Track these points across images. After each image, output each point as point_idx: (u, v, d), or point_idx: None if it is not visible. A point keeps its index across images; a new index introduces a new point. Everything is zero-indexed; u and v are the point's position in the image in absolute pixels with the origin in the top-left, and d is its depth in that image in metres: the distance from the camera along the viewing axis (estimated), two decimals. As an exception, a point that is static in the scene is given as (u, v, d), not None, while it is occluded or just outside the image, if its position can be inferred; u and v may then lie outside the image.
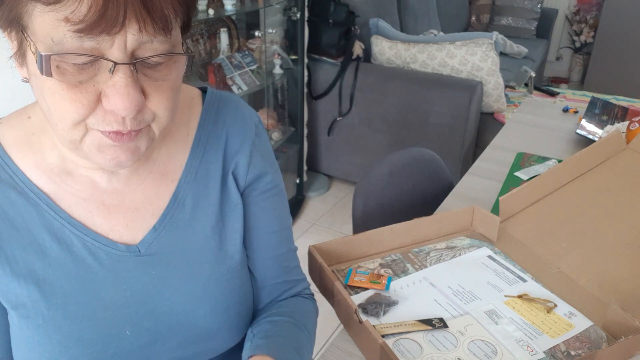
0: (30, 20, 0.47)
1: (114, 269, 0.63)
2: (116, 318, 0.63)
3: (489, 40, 2.33)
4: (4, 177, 0.59)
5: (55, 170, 0.60)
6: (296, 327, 0.72)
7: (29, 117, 0.61)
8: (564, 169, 1.08)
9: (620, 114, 1.52)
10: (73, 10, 0.44)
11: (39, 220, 0.60)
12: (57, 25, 0.45)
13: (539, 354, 0.70)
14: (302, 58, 2.44)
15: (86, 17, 0.44)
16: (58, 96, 0.49)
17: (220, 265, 0.68)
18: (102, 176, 0.62)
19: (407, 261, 0.89)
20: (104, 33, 0.45)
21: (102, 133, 0.52)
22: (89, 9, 0.44)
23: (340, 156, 2.75)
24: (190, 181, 0.67)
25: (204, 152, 0.68)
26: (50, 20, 0.45)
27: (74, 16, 0.44)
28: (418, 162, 1.36)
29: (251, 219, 0.72)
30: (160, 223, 0.65)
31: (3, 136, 0.61)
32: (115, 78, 0.48)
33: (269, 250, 0.74)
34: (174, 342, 0.66)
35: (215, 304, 0.68)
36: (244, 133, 0.70)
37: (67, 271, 0.61)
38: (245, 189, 0.71)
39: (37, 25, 0.46)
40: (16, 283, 0.59)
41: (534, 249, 0.93)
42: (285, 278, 0.77)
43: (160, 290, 0.65)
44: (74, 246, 0.61)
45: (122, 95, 0.48)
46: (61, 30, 0.45)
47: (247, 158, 0.69)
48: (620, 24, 3.86)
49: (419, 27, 3.20)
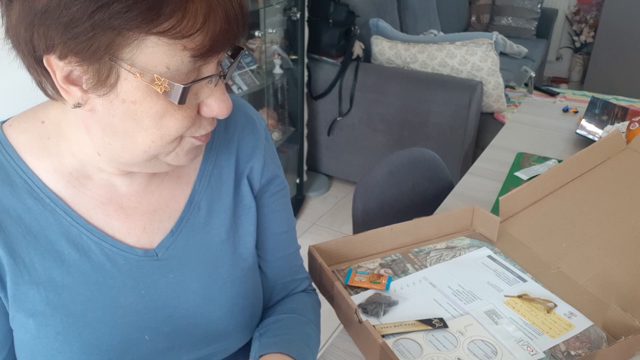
0: (132, 51, 0.47)
1: (133, 274, 0.63)
2: (135, 323, 0.63)
3: (489, 40, 2.33)
4: (19, 183, 0.58)
5: (74, 174, 0.60)
6: (302, 322, 0.74)
7: (43, 122, 0.60)
8: (564, 169, 1.08)
9: (620, 114, 1.52)
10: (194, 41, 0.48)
11: (56, 227, 0.59)
12: (174, 54, 0.48)
13: (539, 354, 0.70)
14: (302, 58, 2.44)
15: (202, 45, 0.48)
16: (167, 117, 0.52)
17: (235, 267, 0.69)
18: (123, 180, 0.62)
19: (407, 261, 0.89)
20: (215, 54, 0.50)
21: (198, 139, 0.56)
22: (206, 38, 0.48)
23: (340, 156, 2.75)
24: (204, 185, 0.68)
25: (216, 157, 0.69)
26: (168, 50, 0.47)
27: (193, 45, 0.48)
28: (418, 162, 1.36)
29: (263, 220, 0.74)
30: (177, 227, 0.66)
31: (17, 141, 0.59)
32: (216, 89, 0.54)
33: (280, 251, 0.77)
34: (190, 344, 0.67)
35: (231, 305, 0.69)
36: (255, 138, 0.71)
37: (85, 277, 0.60)
38: (258, 192, 0.72)
39: (147, 57, 0.47)
40: (35, 291, 0.58)
41: (534, 249, 0.93)
42: (293, 277, 0.80)
43: (178, 294, 0.65)
44: (92, 252, 0.61)
45: (223, 101, 0.54)
46: (178, 57, 0.48)
47: (261, 162, 0.71)
48: (620, 24, 3.86)
49: (419, 27, 3.20)
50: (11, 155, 0.58)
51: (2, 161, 0.58)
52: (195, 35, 0.47)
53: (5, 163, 0.58)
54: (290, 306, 0.76)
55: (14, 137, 0.59)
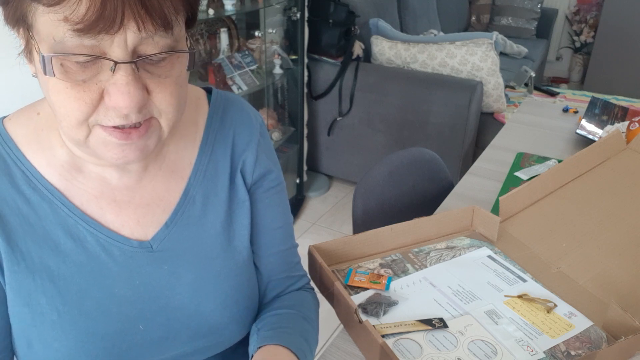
0: (34, 19, 0.48)
1: (127, 265, 0.64)
2: (130, 313, 0.64)
3: (489, 40, 2.33)
4: (17, 174, 0.60)
5: (65, 167, 0.61)
6: (301, 318, 0.75)
7: (38, 113, 0.62)
8: (564, 169, 1.08)
9: (620, 114, 1.52)
10: (72, 11, 0.45)
11: (53, 217, 0.60)
12: (57, 25, 0.46)
13: (539, 354, 0.70)
14: (302, 58, 2.44)
15: (84, 17, 0.45)
16: (62, 95, 0.50)
17: (229, 260, 0.70)
18: (112, 173, 0.63)
19: (407, 261, 0.89)
20: (102, 32, 0.46)
21: (104, 130, 0.52)
22: (87, 9, 0.45)
23: (340, 156, 2.74)
24: (200, 179, 0.68)
25: (212, 151, 0.70)
26: (51, 20, 0.46)
27: (73, 16, 0.45)
28: (418, 162, 1.36)
29: (257, 215, 0.74)
30: (172, 219, 0.66)
31: (15, 134, 0.61)
32: (116, 76, 0.49)
33: (274, 246, 0.77)
34: (185, 336, 0.68)
35: (224, 298, 0.69)
36: (250, 133, 0.72)
37: (81, 267, 0.61)
38: (252, 186, 0.73)
39: (40, 25, 0.47)
40: (31, 279, 0.59)
41: (534, 249, 0.93)
42: (288, 273, 0.80)
43: (173, 285, 0.66)
44: (88, 242, 0.62)
45: (123, 93, 0.49)
46: (61, 29, 0.46)
47: (253, 156, 0.71)
48: (620, 24, 3.86)
49: (419, 27, 3.20)
50: (10, 148, 0.60)
51: (2, 153, 0.60)
52: (69, 4, 0.44)
53: (4, 155, 0.60)
54: (288, 302, 0.77)
55: (13, 130, 0.61)
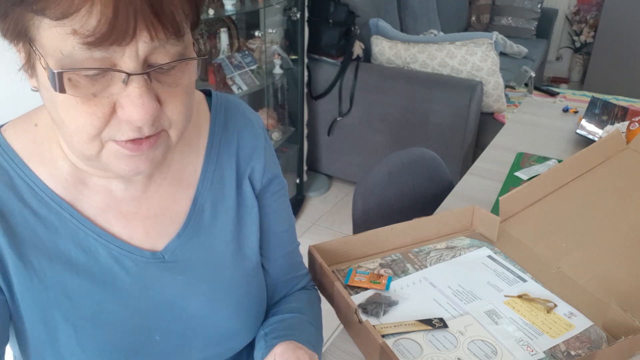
0: (37, 33, 0.45)
1: (141, 277, 0.63)
2: (146, 324, 0.63)
3: (489, 40, 2.33)
4: (21, 186, 0.57)
5: (70, 180, 0.59)
6: (307, 322, 0.75)
7: (36, 124, 0.59)
8: (564, 169, 1.08)
9: (620, 114, 1.52)
10: (82, 24, 0.42)
11: (63, 230, 0.58)
12: (65, 38, 0.43)
13: (539, 354, 0.70)
14: (302, 58, 2.44)
15: (96, 29, 0.42)
16: (73, 110, 0.47)
17: (239, 268, 0.70)
18: (117, 185, 0.61)
19: (407, 261, 0.89)
20: (115, 44, 0.44)
21: (117, 144, 0.50)
22: (98, 21, 0.42)
23: (340, 156, 2.74)
24: (207, 187, 0.67)
25: (217, 157, 0.68)
26: (58, 33, 0.43)
27: (83, 29, 0.43)
28: (418, 162, 1.36)
29: (265, 220, 0.74)
30: (183, 230, 0.65)
31: (15, 145, 0.58)
32: (129, 89, 0.47)
33: (281, 249, 0.77)
34: (199, 344, 0.67)
35: (237, 305, 0.69)
36: (255, 138, 0.71)
37: (94, 280, 0.60)
38: (260, 192, 0.72)
39: (45, 39, 0.45)
40: (45, 294, 0.58)
41: (534, 249, 0.93)
42: (294, 274, 0.80)
43: (186, 295, 0.65)
44: (100, 255, 0.60)
45: (137, 105, 0.47)
46: (69, 43, 0.43)
47: (262, 163, 0.71)
48: (620, 24, 3.86)
49: (419, 27, 3.20)
50: (12, 159, 0.58)
51: (4, 165, 0.57)
52: (78, 17, 0.42)
53: (6, 166, 0.57)
54: (293, 305, 0.77)
55: (13, 142, 0.59)
